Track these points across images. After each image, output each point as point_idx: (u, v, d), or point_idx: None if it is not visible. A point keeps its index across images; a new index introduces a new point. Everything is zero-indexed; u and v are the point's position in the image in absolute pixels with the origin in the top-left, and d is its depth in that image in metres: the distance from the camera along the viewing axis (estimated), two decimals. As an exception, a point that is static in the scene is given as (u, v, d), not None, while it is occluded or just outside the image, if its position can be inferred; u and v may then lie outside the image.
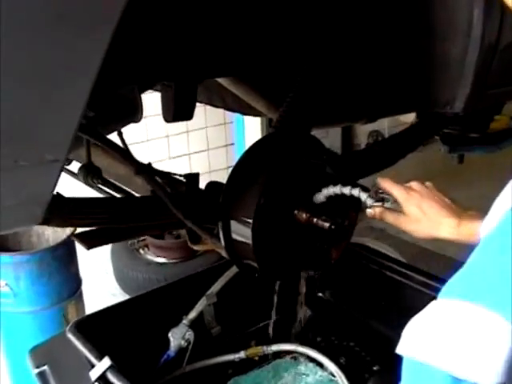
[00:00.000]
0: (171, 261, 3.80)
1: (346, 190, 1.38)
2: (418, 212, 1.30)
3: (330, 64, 1.60)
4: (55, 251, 2.80)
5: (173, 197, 1.46)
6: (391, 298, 1.87)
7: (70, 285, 2.97)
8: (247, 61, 1.54)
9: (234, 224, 1.41)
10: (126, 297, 3.90)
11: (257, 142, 1.48)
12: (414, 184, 1.35)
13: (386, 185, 1.36)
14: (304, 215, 1.40)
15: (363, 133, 6.15)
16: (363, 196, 1.38)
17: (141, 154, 4.92)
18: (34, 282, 2.78)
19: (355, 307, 1.94)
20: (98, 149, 1.95)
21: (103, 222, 1.36)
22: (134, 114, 1.68)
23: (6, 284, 2.75)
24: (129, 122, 1.75)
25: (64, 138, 0.93)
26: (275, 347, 1.75)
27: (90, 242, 1.39)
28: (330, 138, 5.63)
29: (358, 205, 1.54)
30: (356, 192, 1.38)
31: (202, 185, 1.67)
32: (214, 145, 5.32)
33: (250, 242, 1.38)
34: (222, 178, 5.12)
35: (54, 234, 3.05)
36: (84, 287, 3.13)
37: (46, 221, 1.25)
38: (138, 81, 1.52)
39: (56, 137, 0.92)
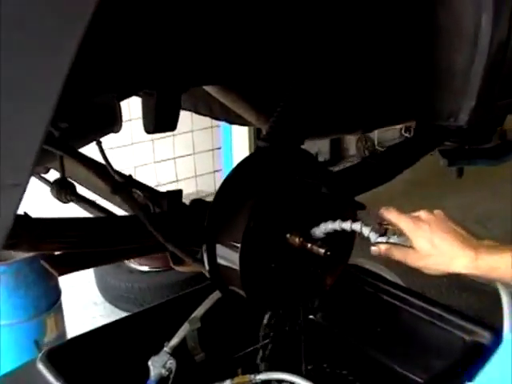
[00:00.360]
0: (154, 269, 3.70)
1: (347, 226, 1.27)
2: (429, 246, 1.17)
3: (324, 72, 1.50)
4: (33, 262, 2.67)
5: (153, 217, 1.34)
6: (388, 324, 1.76)
7: (49, 297, 2.86)
8: (235, 68, 1.43)
9: (219, 248, 1.30)
10: (108, 306, 3.81)
11: (246, 158, 1.37)
12: (422, 214, 1.23)
13: (392, 216, 1.24)
14: (297, 240, 1.28)
15: (352, 137, 6.05)
16: (366, 231, 1.27)
17: (125, 158, 4.88)
18: (11, 295, 2.67)
19: (349, 332, 1.83)
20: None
21: (76, 246, 1.23)
22: (112, 123, 1.57)
23: (-19, 296, 2.62)
24: (107, 132, 1.64)
25: (25, 162, 0.82)
26: (263, 376, 1.62)
27: (61, 268, 1.26)
28: (318, 142, 5.53)
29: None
30: (357, 227, 1.27)
31: (188, 190, 1.55)
32: (200, 149, 5.24)
33: (237, 267, 1.26)
34: (208, 182, 5.08)
35: None
36: (65, 296, 3.03)
37: (12, 246, 1.13)
38: (117, 89, 1.41)
39: (17, 160, 0.81)
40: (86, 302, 3.85)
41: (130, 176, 1.81)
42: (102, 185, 1.77)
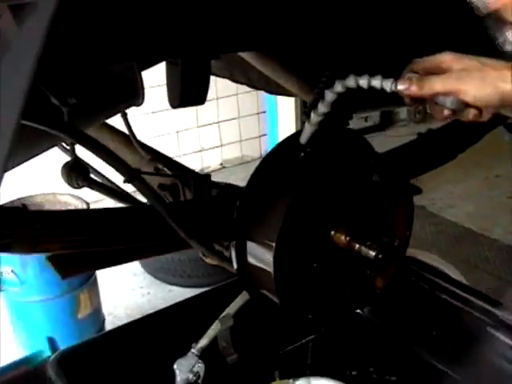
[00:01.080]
0: (196, 240, 3.55)
1: (363, 82, 0.98)
2: (477, 62, 0.97)
3: (376, 33, 1.32)
4: (66, 236, 2.55)
5: (174, 208, 1.16)
6: (445, 326, 1.55)
7: (83, 272, 2.74)
8: (274, 32, 1.25)
9: (251, 245, 1.11)
10: (148, 277, 3.74)
11: (284, 140, 1.17)
12: None
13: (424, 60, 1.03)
14: (343, 238, 1.08)
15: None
16: (387, 84, 0.97)
17: (167, 123, 4.76)
18: (43, 269, 2.57)
19: (400, 332, 1.62)
20: (102, 130, 1.68)
21: (84, 245, 1.05)
22: (133, 96, 1.38)
23: (12, 271, 2.55)
24: (128, 106, 1.46)
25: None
26: (304, 381, 1.44)
27: (68, 268, 1.09)
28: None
29: (410, 218, 1.23)
30: (377, 83, 0.97)
31: (233, 155, 1.37)
32: (245, 112, 5.09)
33: (270, 269, 1.07)
34: (254, 147, 4.93)
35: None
36: (104, 267, 2.93)
37: (6, 246, 0.97)
38: (136, 57, 1.23)
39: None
40: (125, 273, 3.79)
41: (158, 152, 1.65)
42: (130, 158, 1.63)
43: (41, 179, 3.53)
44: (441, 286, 1.54)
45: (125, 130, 1.66)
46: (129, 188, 1.29)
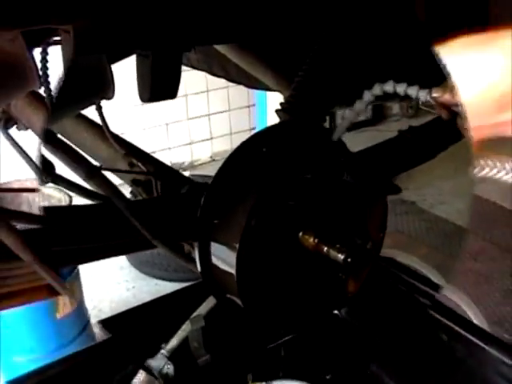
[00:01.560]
0: (181, 235, 3.54)
1: (400, 88, 1.00)
2: None
3: (358, 24, 1.24)
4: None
5: (138, 206, 1.11)
6: (423, 330, 1.50)
7: (63, 266, 2.69)
8: (249, 24, 1.19)
9: (215, 246, 1.07)
10: (134, 270, 3.73)
11: (253, 135, 1.13)
12: None
13: None
14: (311, 240, 1.04)
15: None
16: (422, 94, 0.98)
17: (157, 115, 4.73)
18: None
19: (378, 334, 1.57)
20: (79, 123, 1.64)
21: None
22: (103, 89, 1.34)
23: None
24: (98, 99, 1.41)
25: None
26: (277, 384, 1.41)
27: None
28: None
29: (384, 219, 1.19)
30: (413, 92, 0.98)
31: (223, 148, 1.32)
32: (235, 105, 5.03)
33: (233, 271, 1.03)
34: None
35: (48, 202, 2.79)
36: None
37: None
38: (105, 49, 1.18)
39: None
40: (111, 266, 3.78)
41: (133, 146, 1.61)
42: (106, 153, 1.58)
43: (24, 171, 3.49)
44: (420, 291, 1.49)
45: (113, 123, 1.62)
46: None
